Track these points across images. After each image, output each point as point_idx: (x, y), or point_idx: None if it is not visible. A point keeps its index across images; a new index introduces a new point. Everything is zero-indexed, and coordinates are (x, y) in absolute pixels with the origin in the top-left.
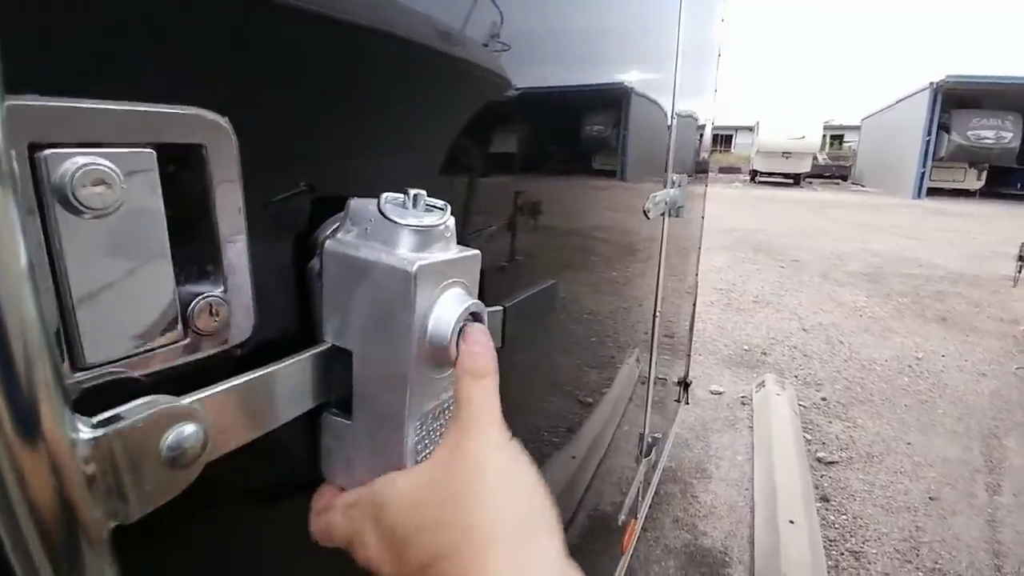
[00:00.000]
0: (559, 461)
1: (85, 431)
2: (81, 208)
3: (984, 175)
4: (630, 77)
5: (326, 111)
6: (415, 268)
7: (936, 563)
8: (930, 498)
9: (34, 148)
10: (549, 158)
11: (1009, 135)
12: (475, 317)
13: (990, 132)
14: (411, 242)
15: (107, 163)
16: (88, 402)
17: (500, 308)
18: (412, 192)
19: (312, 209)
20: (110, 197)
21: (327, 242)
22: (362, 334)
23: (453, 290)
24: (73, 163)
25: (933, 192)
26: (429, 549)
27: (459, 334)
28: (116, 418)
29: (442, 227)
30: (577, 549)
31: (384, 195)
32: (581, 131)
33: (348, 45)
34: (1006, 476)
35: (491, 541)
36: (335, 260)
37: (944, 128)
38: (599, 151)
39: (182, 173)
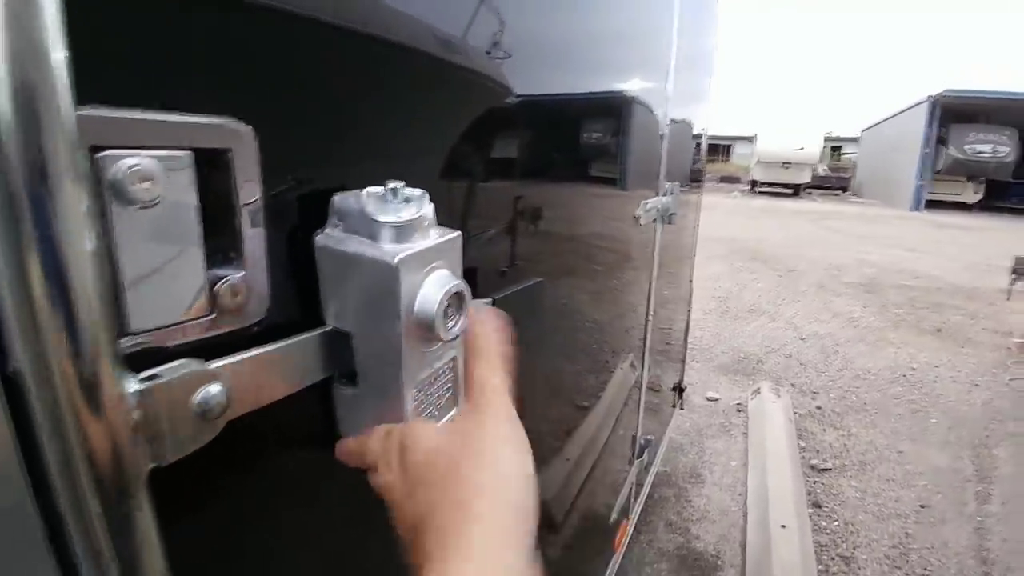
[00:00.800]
0: (554, 461)
1: (133, 384)
2: (131, 201)
3: (982, 188)
4: (623, 85)
5: (335, 121)
6: (396, 260)
7: (925, 569)
8: (921, 506)
9: (94, 150)
10: (544, 165)
11: (1006, 149)
12: (459, 297)
13: (987, 146)
14: (392, 233)
15: (152, 163)
16: (132, 363)
17: (489, 300)
18: (391, 184)
19: (317, 205)
20: (154, 191)
21: (317, 237)
22: (357, 318)
23: (437, 272)
24: (125, 163)
25: (931, 204)
26: (427, 502)
27: (467, 314)
28: (156, 376)
29: (419, 218)
30: (569, 546)
31: (366, 189)
32: (575, 138)
33: (354, 62)
34: (996, 485)
35: (474, 518)
36: (325, 254)
37: (942, 141)
38: (592, 158)
39: (212, 173)
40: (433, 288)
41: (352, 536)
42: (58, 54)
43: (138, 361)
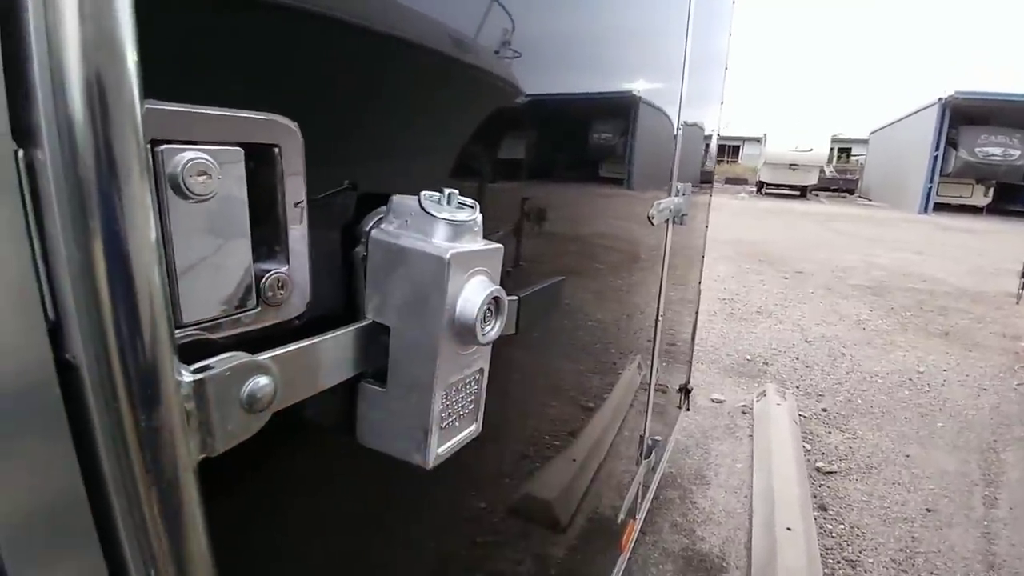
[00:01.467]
0: (566, 460)
1: (187, 375)
2: (188, 194)
3: (991, 191)
4: (639, 87)
5: (372, 120)
6: (448, 255)
7: (932, 573)
8: (927, 510)
9: (155, 144)
10: (562, 164)
11: (1017, 152)
12: (497, 302)
13: (998, 149)
14: (445, 233)
15: (208, 158)
16: (183, 354)
17: (515, 298)
18: (447, 191)
19: (358, 203)
20: (209, 185)
21: (373, 231)
22: (399, 312)
23: (479, 277)
24: (183, 156)
25: (940, 207)
26: None
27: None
28: (208, 367)
29: (471, 222)
30: (577, 546)
31: (423, 193)
32: (591, 139)
33: (391, 66)
34: (1003, 489)
35: None
36: (379, 247)
37: (952, 144)
38: (607, 159)
39: (260, 168)
40: (475, 290)
41: (374, 532)
42: (130, 49)
43: (188, 352)
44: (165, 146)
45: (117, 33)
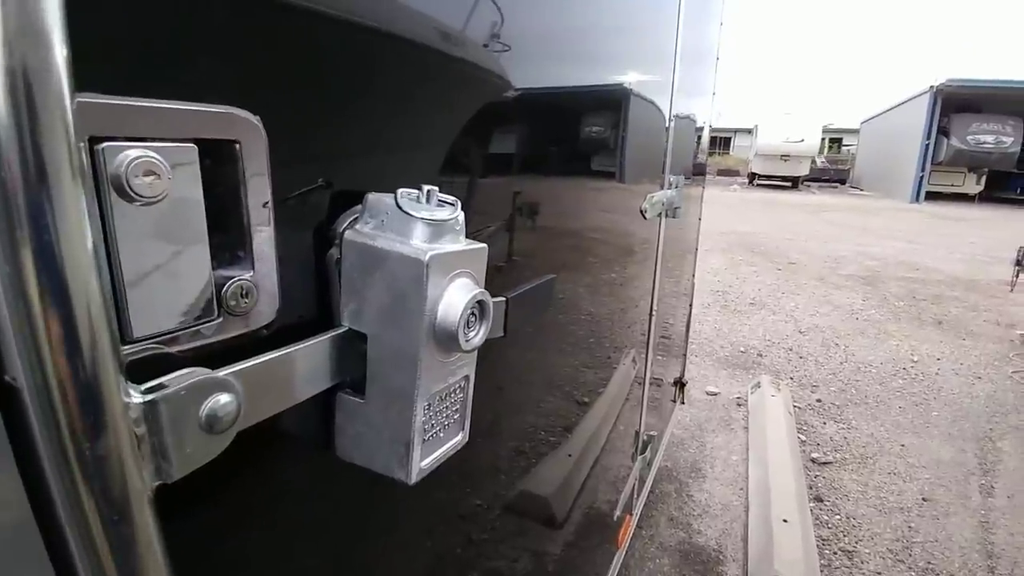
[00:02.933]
0: (563, 457)
1: (136, 396)
2: (134, 196)
3: (983, 179)
4: (630, 78)
5: (345, 113)
6: (427, 257)
7: (929, 563)
8: (923, 499)
9: (94, 141)
10: (551, 159)
11: (1009, 140)
12: (481, 306)
13: (990, 137)
14: (424, 233)
15: (156, 156)
16: (133, 372)
17: (503, 299)
18: (426, 188)
19: (331, 202)
20: (158, 186)
21: (346, 232)
22: (377, 318)
23: (461, 279)
24: (127, 155)
25: (932, 196)
26: None
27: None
28: (161, 386)
29: (452, 221)
30: (573, 544)
31: (400, 190)
32: (581, 132)
33: (365, 55)
34: (1000, 478)
35: None
36: (354, 249)
37: (944, 132)
38: (599, 152)
39: (218, 166)
40: (457, 294)
41: (355, 547)
42: (57, 37)
43: (141, 370)
44: (106, 144)
45: (43, 18)
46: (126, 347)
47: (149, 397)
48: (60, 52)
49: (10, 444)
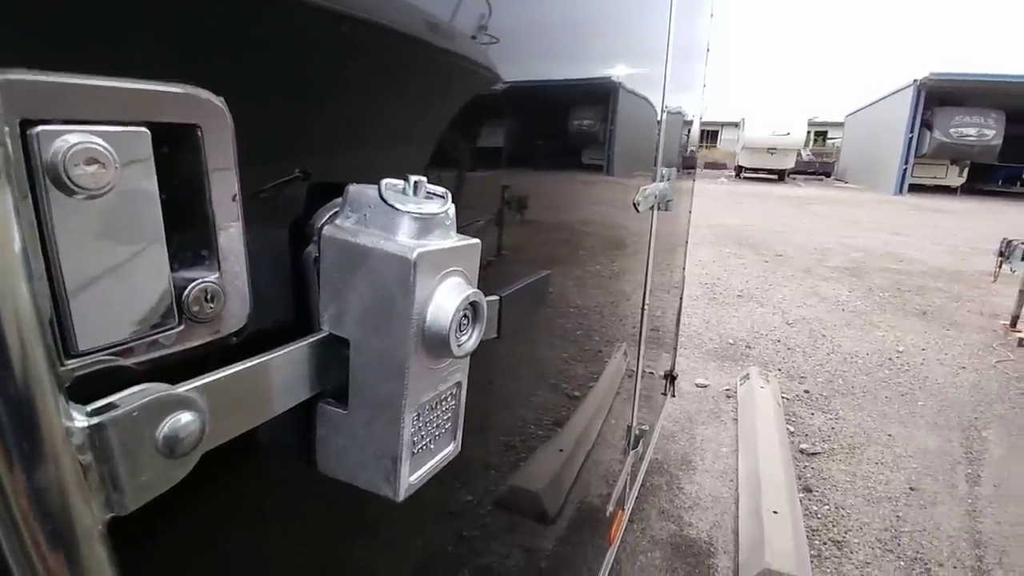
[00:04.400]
0: (556, 453)
1: (79, 419)
2: (74, 188)
3: (966, 172)
4: (624, 72)
5: (323, 98)
6: (415, 255)
7: (918, 552)
8: (911, 488)
9: (26, 125)
10: (544, 152)
11: (991, 132)
12: (474, 307)
13: (972, 130)
14: (411, 229)
15: (100, 141)
16: (81, 390)
17: (496, 298)
18: (413, 179)
19: (308, 195)
20: (104, 177)
21: (325, 228)
22: (360, 323)
23: (452, 279)
24: (65, 141)
25: (915, 188)
26: None
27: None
28: (110, 406)
29: (442, 215)
30: (565, 540)
31: (384, 181)
32: (574, 126)
33: (348, 35)
34: (986, 467)
35: None
36: (333, 246)
37: (927, 125)
38: (592, 145)
39: (176, 154)
40: (448, 295)
41: (338, 563)
42: None
43: (87, 389)
44: (40, 128)
45: None
46: (70, 361)
47: (96, 420)
48: None
49: None
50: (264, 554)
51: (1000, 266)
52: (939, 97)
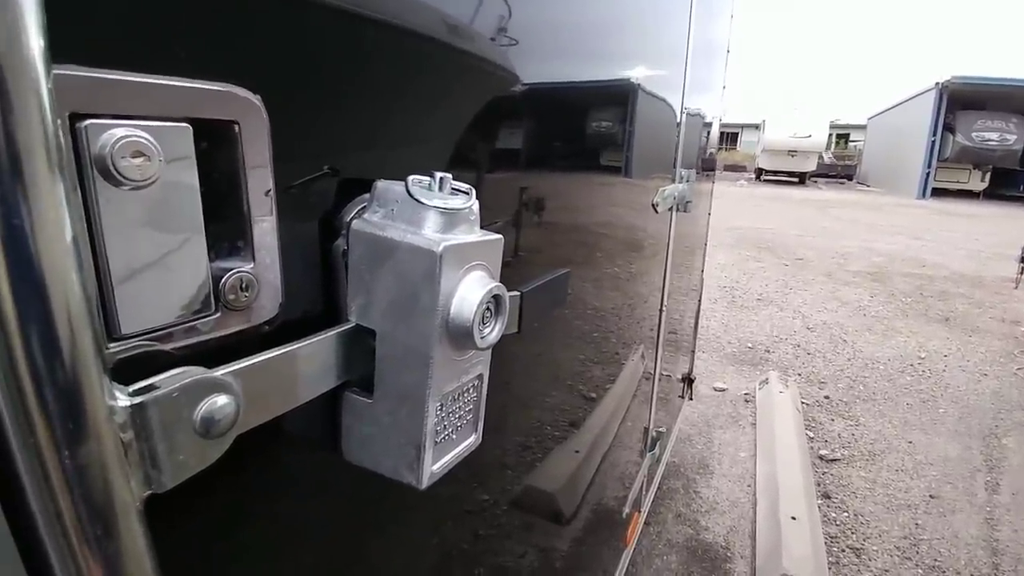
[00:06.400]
0: (574, 455)
1: (122, 399)
2: (121, 179)
3: (988, 176)
4: (645, 73)
5: (354, 98)
6: (440, 248)
7: (936, 560)
8: (930, 496)
9: (75, 118)
10: (565, 152)
11: (1013, 137)
12: (497, 300)
13: (994, 134)
14: (437, 223)
15: (145, 135)
16: (122, 372)
17: (517, 294)
18: (439, 175)
19: (337, 190)
20: (148, 169)
21: (354, 222)
22: (386, 314)
23: (476, 273)
24: (112, 134)
25: (937, 192)
26: None
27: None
28: (151, 387)
29: (467, 210)
30: (581, 541)
31: (411, 177)
32: (595, 127)
33: (375, 37)
34: (1005, 475)
35: None
36: (361, 240)
37: (949, 129)
38: (611, 146)
39: (215, 150)
40: (472, 288)
41: (360, 549)
42: (29, 2)
43: (130, 370)
44: (89, 121)
45: None
46: (113, 345)
47: (137, 399)
48: (33, 18)
49: None
50: (287, 539)
51: (1022, 272)
52: (961, 100)
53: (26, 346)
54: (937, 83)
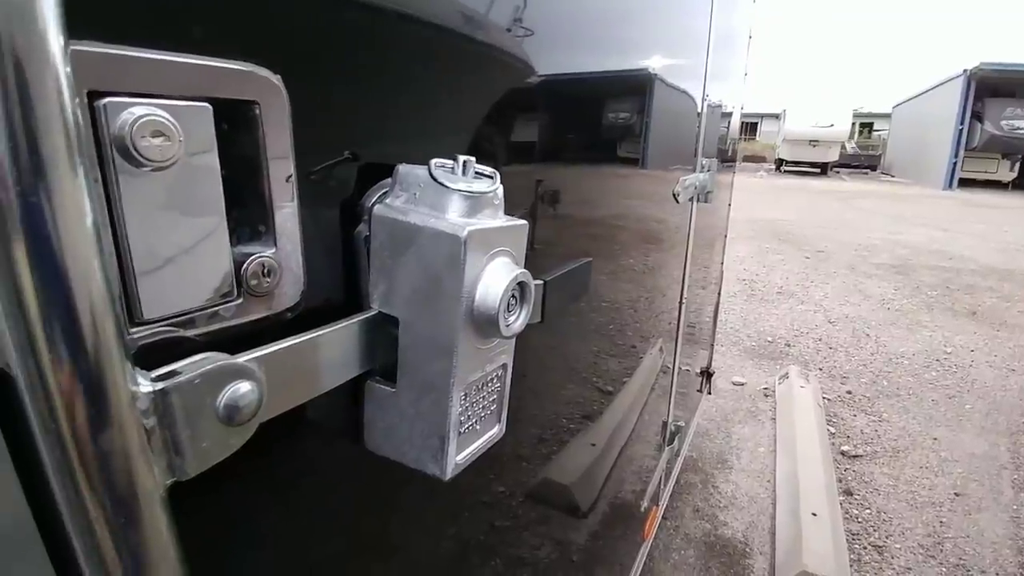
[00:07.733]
0: (593, 447)
1: (145, 384)
2: (141, 160)
3: (1017, 166)
4: (666, 61)
5: (376, 80)
6: (465, 233)
7: (960, 559)
8: (956, 494)
9: (93, 96)
10: (586, 142)
11: None
12: (522, 288)
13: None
14: (461, 207)
15: (165, 114)
16: (144, 358)
17: (541, 282)
18: (462, 158)
19: (358, 175)
20: (169, 150)
21: (375, 207)
22: (410, 301)
23: (501, 259)
24: (131, 113)
25: (964, 183)
26: None
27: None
28: (174, 373)
29: (491, 194)
30: (599, 535)
31: (434, 160)
32: (616, 116)
33: (395, 26)
34: None
35: None
36: (383, 225)
37: (977, 117)
38: (633, 136)
39: (234, 130)
40: (497, 274)
41: (382, 538)
42: None
43: (152, 356)
44: (108, 99)
45: None
46: (135, 330)
47: (160, 385)
48: None
49: (4, 439)
50: (308, 528)
51: None
52: (990, 88)
53: (47, 330)
54: (965, 70)
